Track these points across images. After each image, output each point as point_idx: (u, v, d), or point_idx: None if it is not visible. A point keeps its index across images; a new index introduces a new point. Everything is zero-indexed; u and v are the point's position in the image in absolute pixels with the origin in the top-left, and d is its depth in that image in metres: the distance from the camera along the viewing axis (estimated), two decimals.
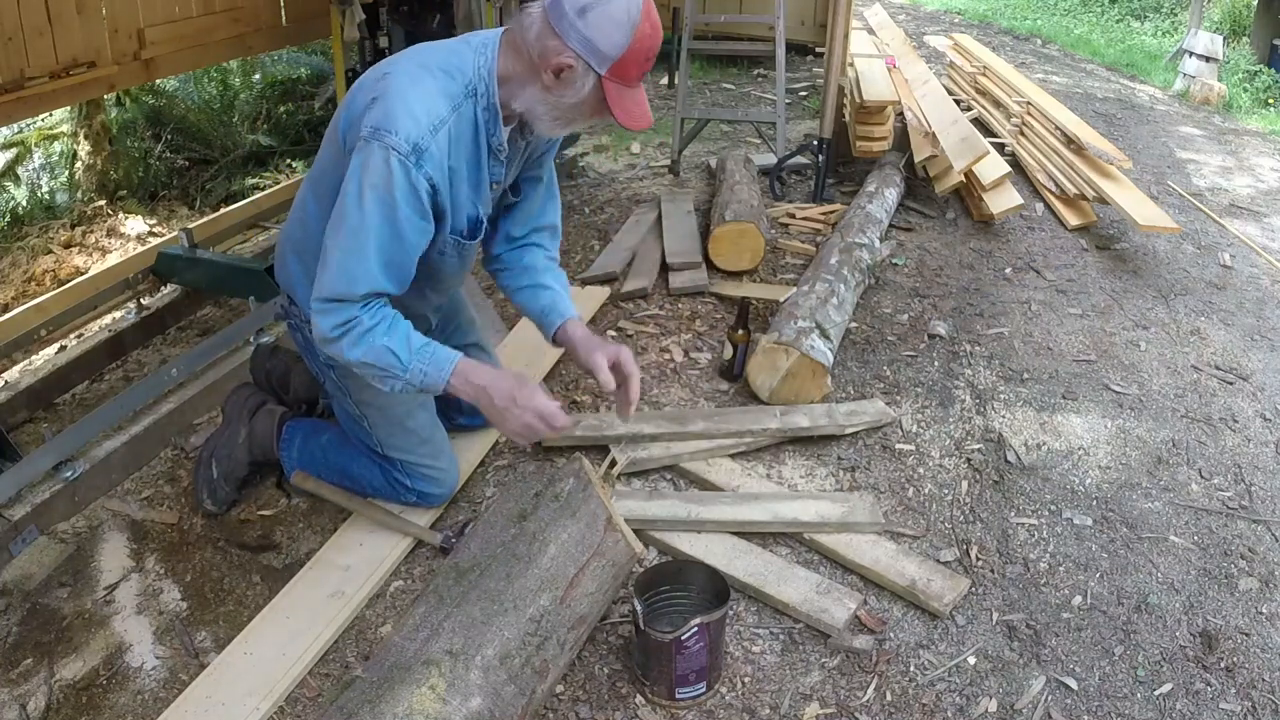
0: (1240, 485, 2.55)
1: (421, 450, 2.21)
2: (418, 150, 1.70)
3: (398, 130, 1.68)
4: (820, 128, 4.27)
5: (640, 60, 1.72)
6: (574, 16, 1.66)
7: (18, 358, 3.27)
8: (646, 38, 1.70)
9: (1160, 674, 1.97)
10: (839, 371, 2.93)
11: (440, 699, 1.54)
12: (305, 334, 2.09)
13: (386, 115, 1.69)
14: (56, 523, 2.32)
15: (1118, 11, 10.55)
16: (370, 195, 1.71)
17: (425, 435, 2.23)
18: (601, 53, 1.68)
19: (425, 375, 1.84)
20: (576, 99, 1.75)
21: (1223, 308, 3.56)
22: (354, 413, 2.20)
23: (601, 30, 1.67)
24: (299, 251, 2.06)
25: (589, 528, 1.85)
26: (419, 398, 2.20)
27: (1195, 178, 5.06)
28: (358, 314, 1.79)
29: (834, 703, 1.87)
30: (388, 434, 2.18)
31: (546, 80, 1.73)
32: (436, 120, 1.72)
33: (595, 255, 3.76)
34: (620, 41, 1.68)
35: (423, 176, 1.73)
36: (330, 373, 2.16)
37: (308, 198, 2.02)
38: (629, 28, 1.67)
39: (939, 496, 2.45)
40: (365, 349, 1.79)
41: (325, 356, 2.04)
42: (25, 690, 1.91)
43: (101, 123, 5.50)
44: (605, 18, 1.66)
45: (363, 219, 1.73)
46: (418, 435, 2.21)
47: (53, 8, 3.50)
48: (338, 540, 2.22)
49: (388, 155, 1.68)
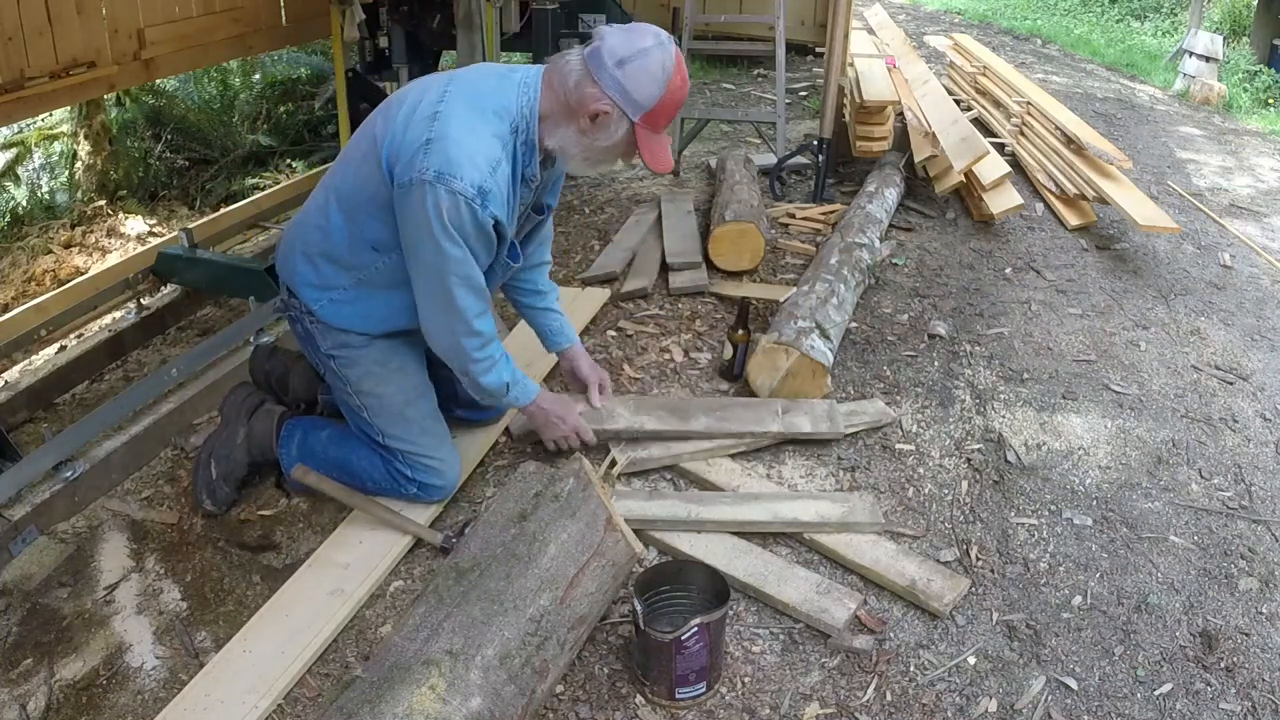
0: (1240, 485, 2.55)
1: (422, 440, 2.22)
2: (483, 193, 1.86)
3: (462, 176, 1.84)
4: (820, 128, 4.27)
5: (670, 110, 1.92)
6: (613, 67, 1.85)
7: (18, 358, 3.27)
8: (677, 90, 1.90)
9: (1160, 674, 1.97)
10: (839, 371, 2.93)
11: (440, 699, 1.54)
12: (305, 325, 2.18)
13: (449, 161, 1.84)
14: (56, 523, 2.32)
15: (1118, 11, 10.55)
16: (442, 233, 1.88)
17: (426, 425, 2.24)
18: (636, 102, 1.87)
19: (516, 400, 2.23)
20: (609, 142, 1.93)
21: (1223, 308, 3.56)
22: (354, 404, 2.22)
23: (638, 82, 1.85)
24: (311, 255, 2.12)
25: (589, 528, 1.85)
26: (419, 388, 2.27)
27: (1195, 178, 5.06)
28: (496, 344, 2.09)
29: (834, 703, 1.87)
30: (388, 424, 2.20)
31: (583, 124, 1.91)
32: (494, 162, 1.89)
33: (595, 255, 3.76)
34: (654, 93, 1.87)
35: (489, 215, 1.90)
36: (331, 363, 2.20)
37: (332, 209, 2.08)
38: (663, 81, 1.86)
39: (939, 496, 2.45)
40: (494, 376, 2.12)
41: (329, 348, 2.16)
42: (25, 690, 1.91)
43: (101, 123, 5.50)
44: (643, 71, 1.85)
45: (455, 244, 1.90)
46: (418, 425, 2.22)
47: (53, 8, 3.50)
48: (337, 538, 2.22)
49: (456, 201, 1.84)
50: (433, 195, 1.84)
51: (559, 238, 3.98)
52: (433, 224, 1.86)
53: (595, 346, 3.07)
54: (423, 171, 1.84)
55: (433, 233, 1.87)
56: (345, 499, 2.28)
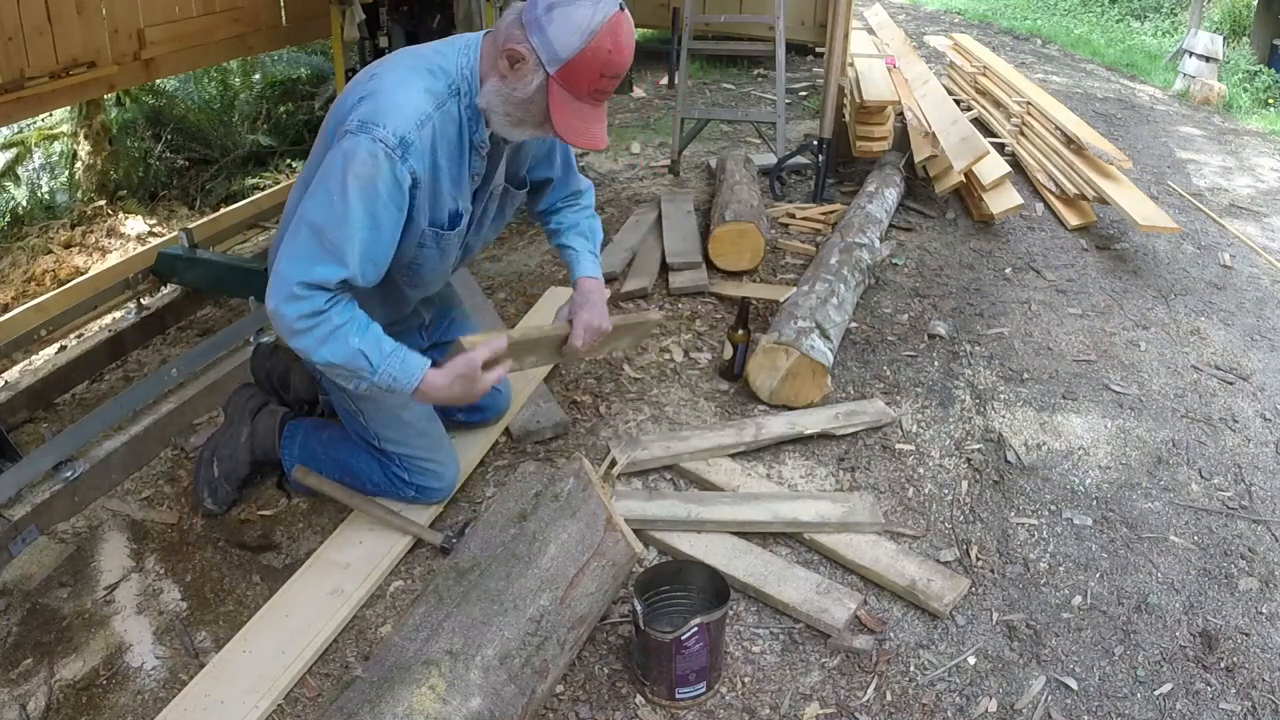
0: (1240, 485, 2.55)
1: (418, 443, 2.21)
2: (404, 143, 1.75)
3: (385, 124, 1.74)
4: (820, 128, 4.27)
5: (592, 73, 1.72)
6: (541, 10, 1.71)
7: (18, 358, 3.26)
8: (604, 53, 1.70)
9: (1160, 674, 1.97)
10: (839, 371, 2.93)
11: (440, 699, 1.54)
12: None
13: (374, 110, 1.75)
14: (56, 523, 2.32)
15: (1118, 11, 10.55)
16: (354, 184, 1.74)
17: (422, 428, 2.23)
18: (553, 50, 1.70)
19: (394, 380, 1.86)
20: (524, 94, 1.76)
21: (1223, 308, 3.56)
22: (350, 407, 2.20)
23: (558, 28, 1.69)
24: None
25: (589, 528, 1.85)
26: None
27: (1195, 178, 5.06)
28: (326, 308, 1.79)
29: (834, 703, 1.87)
30: (384, 427, 2.19)
31: (502, 67, 1.77)
32: (422, 116, 1.78)
33: None
34: (572, 44, 1.69)
35: (406, 170, 1.78)
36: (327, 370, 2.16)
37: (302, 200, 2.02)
38: (585, 34, 1.68)
39: (939, 496, 2.45)
40: (333, 349, 1.81)
41: None
42: (25, 690, 1.90)
43: (101, 123, 5.50)
44: (565, 18, 1.69)
45: (345, 206, 1.75)
46: (414, 428, 2.21)
47: (53, 8, 3.50)
48: (337, 538, 2.22)
49: (374, 147, 1.73)
50: (351, 143, 1.73)
51: None
52: (346, 169, 1.73)
53: None
54: (349, 124, 1.76)
55: (342, 178, 1.73)
56: (345, 500, 2.28)
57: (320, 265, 1.77)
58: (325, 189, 1.77)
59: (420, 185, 1.83)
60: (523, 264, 3.74)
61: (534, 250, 3.87)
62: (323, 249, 1.77)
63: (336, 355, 1.82)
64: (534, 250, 3.87)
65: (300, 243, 1.79)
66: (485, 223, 2.14)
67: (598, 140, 1.80)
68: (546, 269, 3.68)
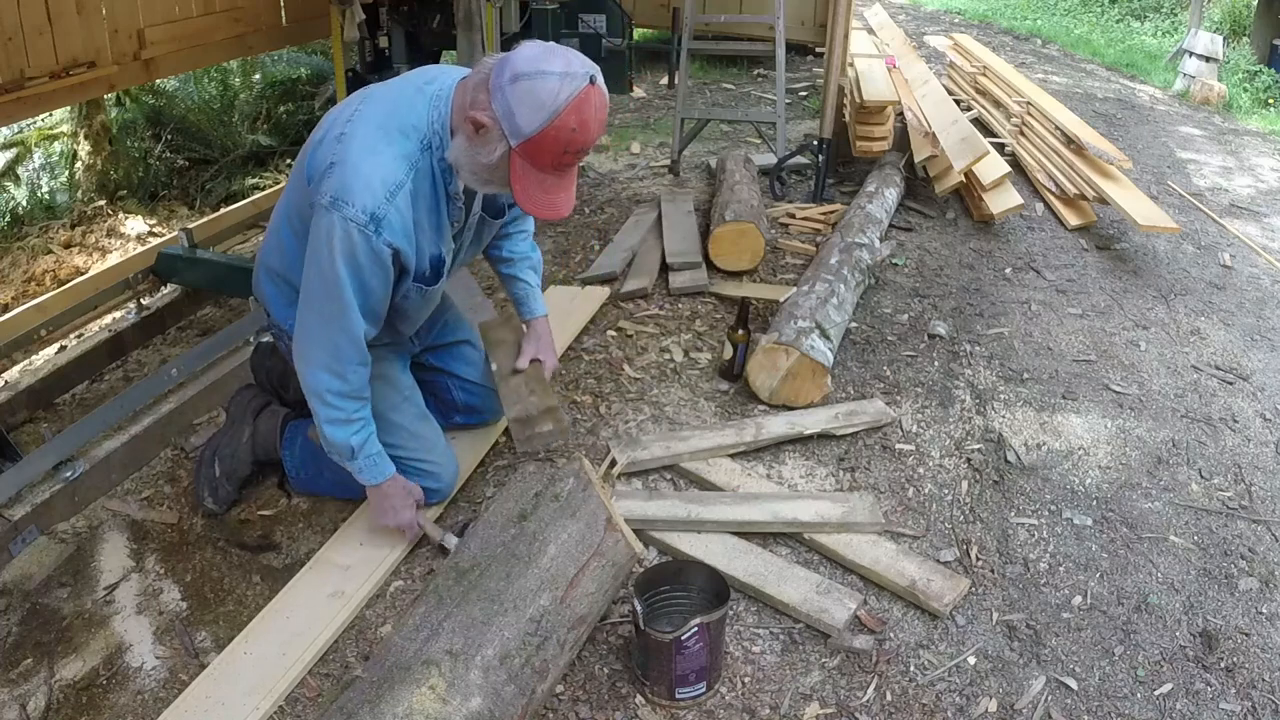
0: (1240, 485, 2.55)
1: (412, 445, 2.21)
2: (375, 219, 1.77)
3: (354, 203, 1.75)
4: (820, 128, 4.27)
5: (554, 151, 1.69)
6: (506, 81, 1.67)
7: (18, 358, 3.26)
8: (568, 131, 1.67)
9: (1160, 674, 1.97)
10: (839, 371, 2.93)
11: (440, 699, 1.54)
12: (285, 343, 2.19)
13: (343, 187, 1.76)
14: (56, 523, 2.32)
15: (1118, 11, 10.54)
16: (339, 260, 1.79)
17: (415, 430, 2.23)
18: (515, 124, 1.68)
19: (361, 473, 2.06)
20: (489, 161, 1.75)
21: (1223, 308, 3.56)
22: None
23: (522, 104, 1.66)
24: (274, 276, 2.14)
25: (589, 528, 1.85)
26: (403, 393, 2.26)
27: (1195, 178, 5.06)
28: (352, 415, 1.97)
29: (834, 703, 1.87)
30: (378, 432, 2.18)
31: (468, 132, 1.75)
32: (393, 186, 1.78)
33: (595, 255, 3.76)
34: (535, 121, 1.66)
35: (383, 244, 1.80)
36: None
37: (283, 227, 2.08)
38: (549, 112, 1.65)
39: (939, 496, 2.45)
40: (340, 434, 1.99)
41: None
42: (25, 690, 1.90)
43: (101, 123, 5.50)
44: (529, 94, 1.65)
45: (336, 279, 1.82)
46: (407, 430, 2.21)
47: (53, 8, 3.50)
48: (337, 540, 2.22)
49: (348, 226, 1.76)
50: (327, 221, 1.77)
51: (559, 237, 3.98)
52: (329, 250, 1.79)
53: (595, 346, 3.07)
54: (322, 196, 1.78)
55: (330, 257, 1.79)
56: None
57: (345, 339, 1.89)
58: (317, 270, 1.84)
59: (401, 253, 1.86)
60: None
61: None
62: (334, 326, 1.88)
63: (338, 438, 1.99)
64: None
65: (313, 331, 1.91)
66: (463, 251, 2.18)
67: (560, 210, 1.79)
68: (546, 269, 3.67)
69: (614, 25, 4.46)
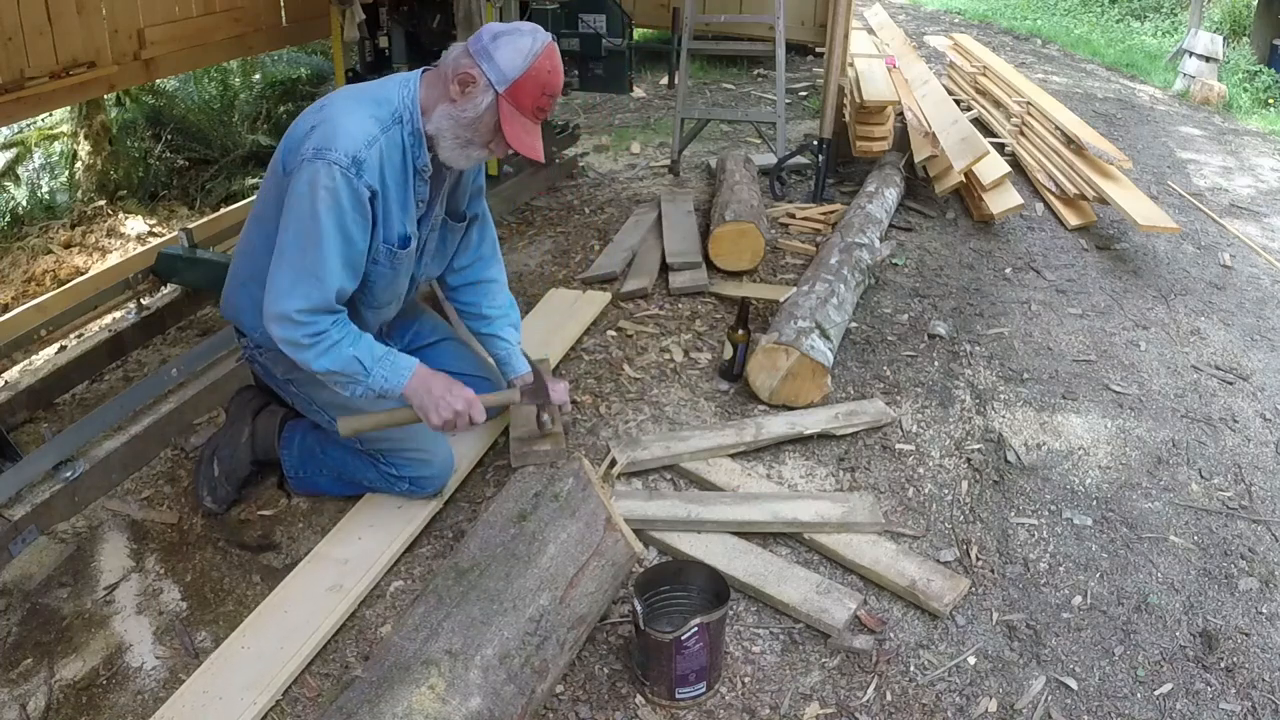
0: (1240, 485, 2.55)
1: (397, 435, 2.21)
2: (357, 162, 1.91)
3: (337, 147, 1.90)
4: (820, 128, 4.27)
5: (534, 91, 1.95)
6: (487, 40, 1.94)
7: (18, 358, 3.26)
8: (544, 73, 1.95)
9: (1160, 674, 1.97)
10: (839, 371, 2.93)
11: (440, 699, 1.54)
12: (259, 361, 2.26)
13: (325, 136, 1.92)
14: (56, 523, 2.32)
15: (1118, 11, 10.54)
16: (322, 206, 1.90)
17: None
18: (501, 72, 1.92)
19: (386, 380, 2.05)
20: (475, 114, 1.96)
21: (1223, 308, 3.56)
22: (325, 419, 2.24)
23: (504, 53, 1.92)
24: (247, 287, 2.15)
25: (589, 528, 1.85)
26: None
27: (1195, 178, 5.06)
28: (328, 328, 1.97)
29: (834, 703, 1.87)
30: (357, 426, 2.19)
31: (453, 91, 1.96)
32: (369, 138, 1.94)
33: (595, 255, 3.76)
34: (518, 65, 1.92)
35: (363, 185, 1.93)
36: (290, 387, 2.25)
37: (254, 234, 2.13)
38: (529, 56, 1.93)
39: (939, 496, 2.45)
40: (332, 358, 1.99)
41: (284, 373, 2.21)
42: (25, 690, 1.90)
43: (101, 123, 5.50)
44: (510, 44, 1.93)
45: (318, 228, 1.91)
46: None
47: (53, 8, 3.50)
48: (336, 534, 2.22)
49: (332, 170, 1.89)
50: (310, 169, 1.90)
51: (559, 237, 3.98)
52: (311, 195, 1.90)
53: (595, 346, 3.07)
54: (304, 153, 1.92)
55: (311, 204, 1.90)
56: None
57: (311, 289, 1.94)
58: (296, 216, 1.93)
59: (376, 198, 1.98)
60: (523, 264, 3.74)
61: (534, 250, 3.87)
62: (308, 274, 1.93)
63: (335, 364, 1.99)
64: (534, 250, 3.87)
65: (286, 274, 1.95)
66: (427, 253, 2.25)
67: (540, 152, 2.02)
68: (546, 269, 3.68)
69: (614, 25, 4.46)
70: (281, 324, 1.95)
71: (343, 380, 2.03)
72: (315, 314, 1.95)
